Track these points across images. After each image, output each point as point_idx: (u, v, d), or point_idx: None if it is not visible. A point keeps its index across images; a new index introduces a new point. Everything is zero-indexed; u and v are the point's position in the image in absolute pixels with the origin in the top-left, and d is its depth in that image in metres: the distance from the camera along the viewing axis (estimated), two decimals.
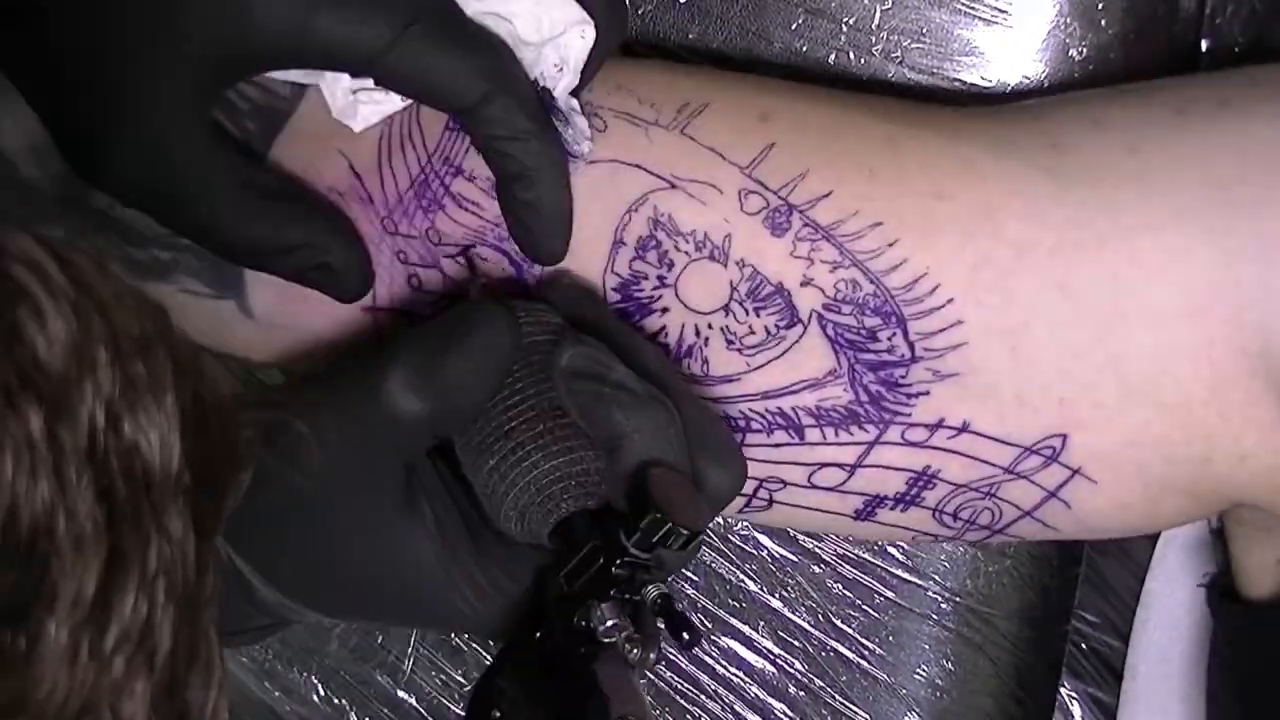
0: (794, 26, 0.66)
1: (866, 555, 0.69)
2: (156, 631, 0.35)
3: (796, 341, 0.55)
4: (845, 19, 0.65)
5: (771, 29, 0.66)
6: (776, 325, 0.55)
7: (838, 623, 0.70)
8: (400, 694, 0.74)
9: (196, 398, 0.37)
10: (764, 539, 0.70)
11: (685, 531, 0.48)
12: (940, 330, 0.54)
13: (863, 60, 0.66)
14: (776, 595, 0.70)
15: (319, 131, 0.59)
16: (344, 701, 0.74)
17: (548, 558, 0.51)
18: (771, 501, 0.59)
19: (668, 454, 0.50)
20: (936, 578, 0.69)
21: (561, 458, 0.50)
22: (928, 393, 0.55)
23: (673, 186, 0.56)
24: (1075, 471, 0.55)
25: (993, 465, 0.55)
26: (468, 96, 0.52)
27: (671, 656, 0.71)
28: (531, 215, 0.55)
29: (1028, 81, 0.64)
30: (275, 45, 0.51)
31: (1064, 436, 0.54)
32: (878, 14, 0.65)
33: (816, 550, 0.70)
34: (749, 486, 0.58)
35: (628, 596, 0.48)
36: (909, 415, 0.55)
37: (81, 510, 0.33)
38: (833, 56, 0.66)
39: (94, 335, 0.35)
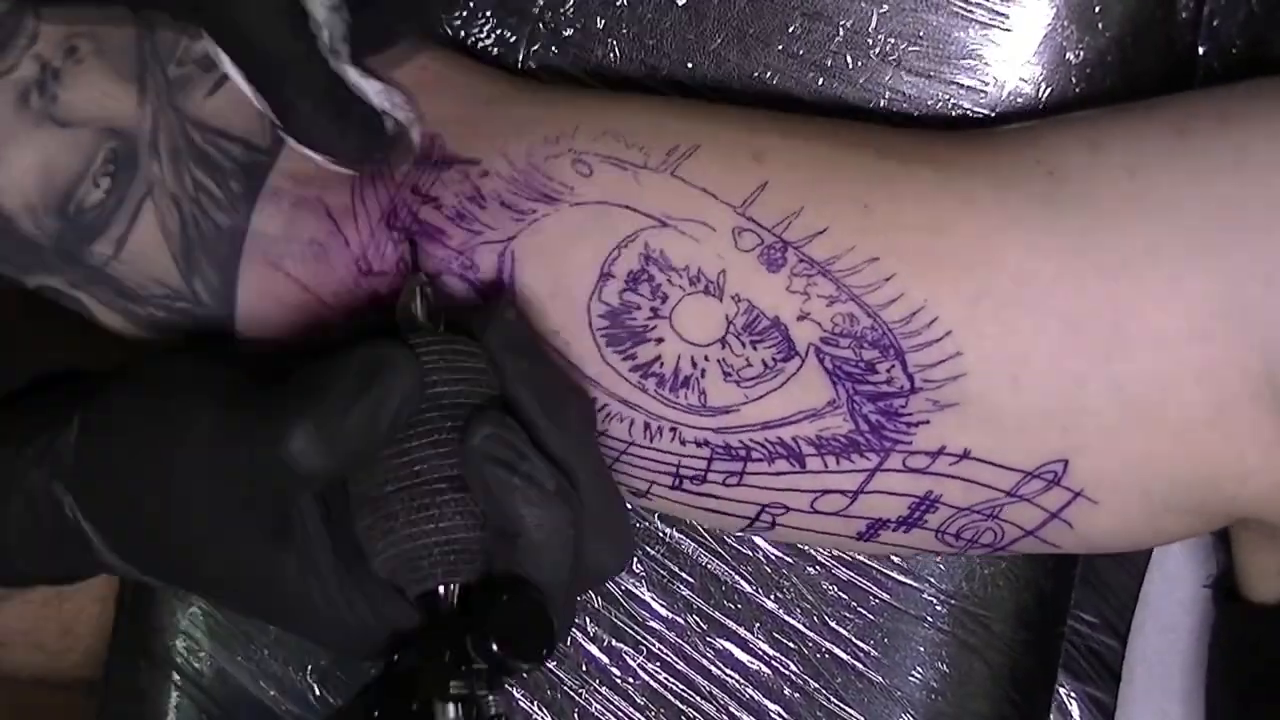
0: (791, 30, 0.66)
1: (862, 557, 0.69)
2: None
3: (795, 374, 0.55)
4: (843, 22, 0.65)
5: (769, 32, 0.66)
6: (774, 358, 0.55)
7: (833, 624, 0.70)
8: None
9: None
10: (759, 541, 0.70)
11: (520, 663, 0.49)
12: (939, 362, 0.54)
13: (860, 63, 0.65)
14: (771, 597, 0.70)
15: (297, 180, 0.59)
16: (340, 701, 0.75)
17: (410, 612, 0.52)
18: (775, 524, 0.59)
19: (561, 554, 0.51)
20: (932, 580, 0.69)
21: (431, 534, 0.50)
22: (928, 422, 0.54)
23: (664, 225, 0.55)
24: (1077, 494, 0.55)
25: (994, 489, 0.55)
26: None
27: (666, 657, 0.71)
28: None
29: (1024, 85, 0.64)
30: None
31: (1065, 461, 0.54)
32: (875, 17, 0.65)
33: (812, 552, 0.70)
34: (752, 511, 0.58)
35: (470, 693, 0.49)
36: (910, 444, 0.55)
37: None
38: (830, 60, 0.65)
39: None
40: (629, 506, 0.70)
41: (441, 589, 0.51)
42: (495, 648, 0.48)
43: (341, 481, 0.52)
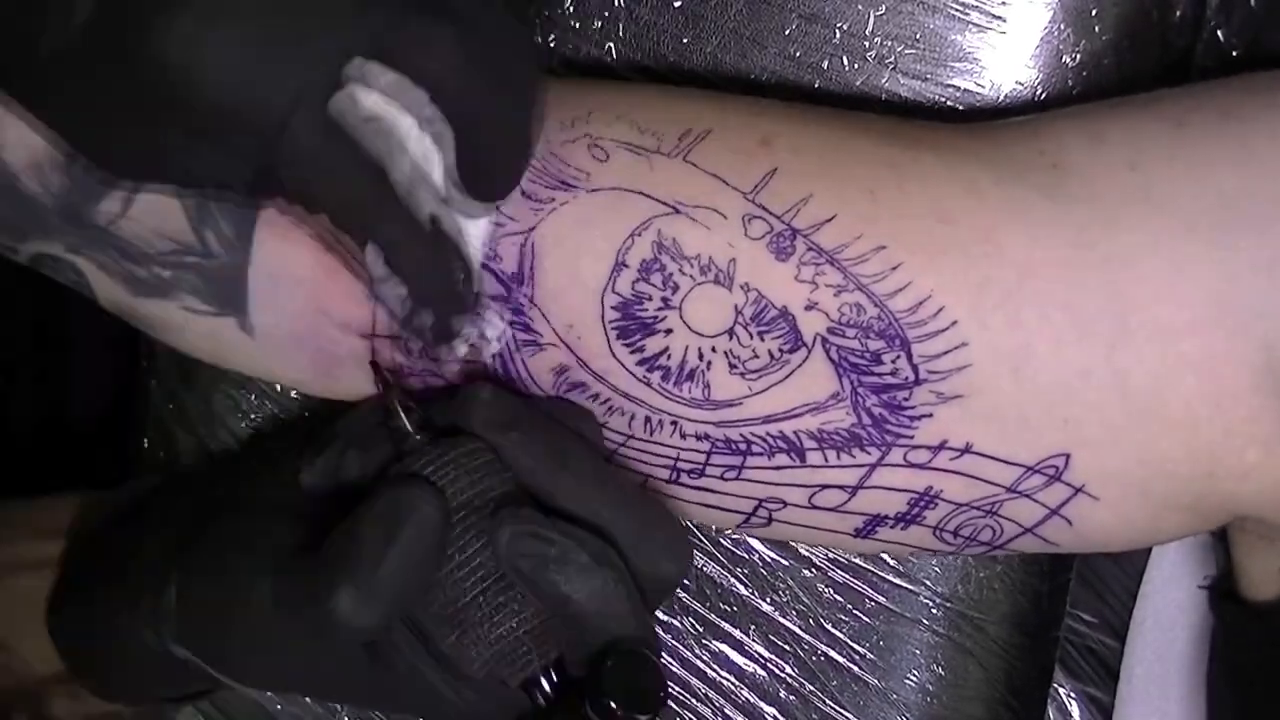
0: (788, 32, 0.66)
1: (858, 560, 0.69)
2: None
3: (800, 365, 0.55)
4: (839, 24, 0.65)
5: (766, 34, 0.66)
6: (780, 349, 0.55)
7: (829, 627, 0.70)
8: None
9: None
10: (755, 543, 0.70)
11: (641, 713, 0.51)
12: (944, 353, 0.54)
13: (856, 66, 0.65)
14: (767, 599, 0.70)
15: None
16: (344, 711, 0.74)
17: (513, 698, 0.54)
18: (771, 520, 0.58)
19: (615, 611, 0.52)
20: (928, 583, 0.69)
21: (517, 624, 0.53)
22: (931, 415, 0.54)
23: (676, 212, 0.55)
24: (1078, 490, 0.55)
25: (994, 485, 0.55)
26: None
27: (663, 659, 0.71)
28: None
29: (1021, 88, 0.64)
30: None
31: (1067, 455, 0.54)
32: (872, 20, 0.65)
33: (808, 555, 0.70)
34: (748, 505, 0.58)
35: None
36: (911, 438, 0.55)
37: None
38: (826, 62, 0.65)
39: None
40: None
41: (539, 672, 0.54)
42: (614, 705, 0.50)
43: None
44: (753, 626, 0.71)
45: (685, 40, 0.67)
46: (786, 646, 0.70)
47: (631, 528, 0.54)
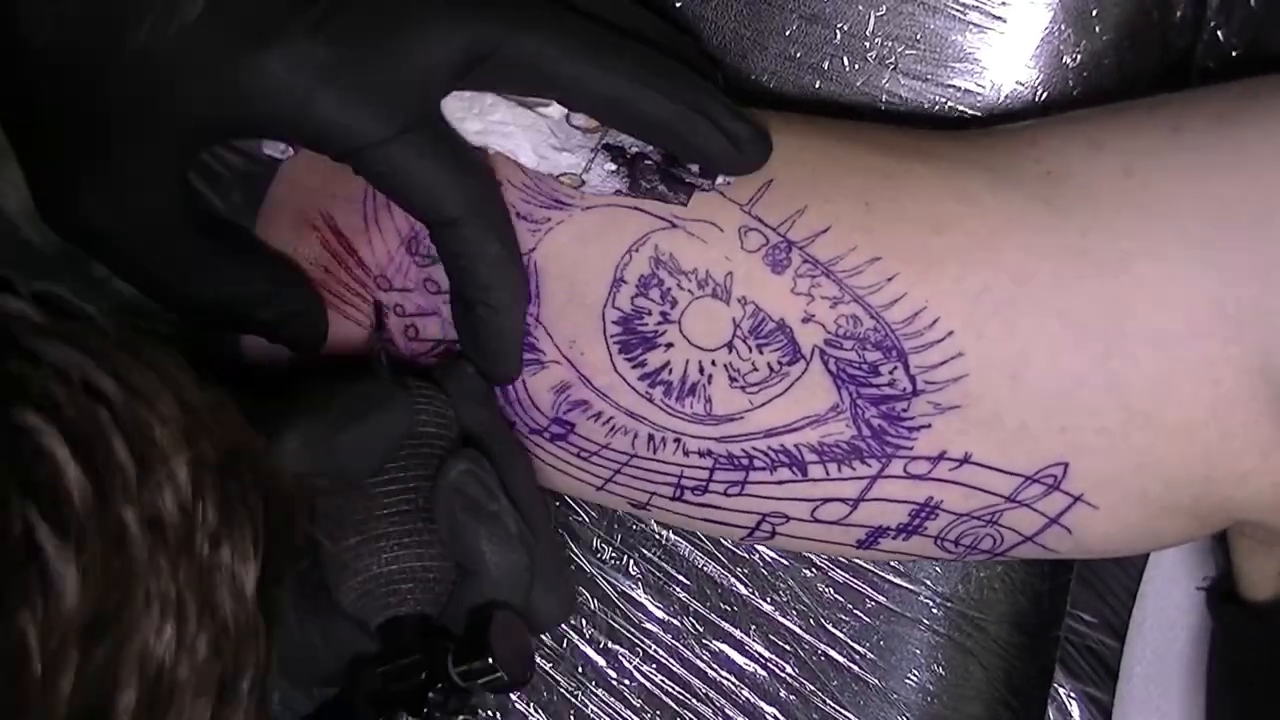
0: (788, 32, 0.65)
1: (858, 560, 0.69)
2: None
3: (799, 377, 0.55)
4: (840, 25, 0.65)
5: (766, 34, 0.66)
6: (779, 361, 0.55)
7: (829, 627, 0.70)
8: None
9: (269, 498, 0.38)
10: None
11: (508, 681, 0.50)
12: (941, 363, 0.54)
13: (857, 66, 0.65)
14: (768, 599, 0.70)
15: (302, 195, 0.59)
16: None
17: (366, 643, 0.53)
18: (775, 533, 0.59)
19: (515, 596, 0.53)
20: (928, 583, 0.69)
21: (417, 561, 0.52)
22: (929, 425, 0.54)
23: (673, 226, 0.55)
24: (1077, 498, 0.55)
25: (994, 495, 0.55)
26: (442, 212, 0.53)
27: (662, 659, 0.71)
28: (487, 336, 0.55)
29: (1021, 88, 0.64)
30: (269, 116, 0.50)
31: (1065, 464, 0.54)
32: (872, 20, 0.64)
33: (808, 555, 0.70)
34: (752, 520, 0.58)
35: (438, 716, 0.50)
36: (911, 449, 0.55)
37: (200, 651, 0.34)
38: (827, 62, 0.65)
39: (204, 465, 0.35)
40: (626, 515, 0.70)
41: (410, 615, 0.53)
42: (491, 660, 0.50)
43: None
44: (753, 626, 0.71)
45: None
46: (787, 646, 0.71)
47: (544, 553, 0.55)
